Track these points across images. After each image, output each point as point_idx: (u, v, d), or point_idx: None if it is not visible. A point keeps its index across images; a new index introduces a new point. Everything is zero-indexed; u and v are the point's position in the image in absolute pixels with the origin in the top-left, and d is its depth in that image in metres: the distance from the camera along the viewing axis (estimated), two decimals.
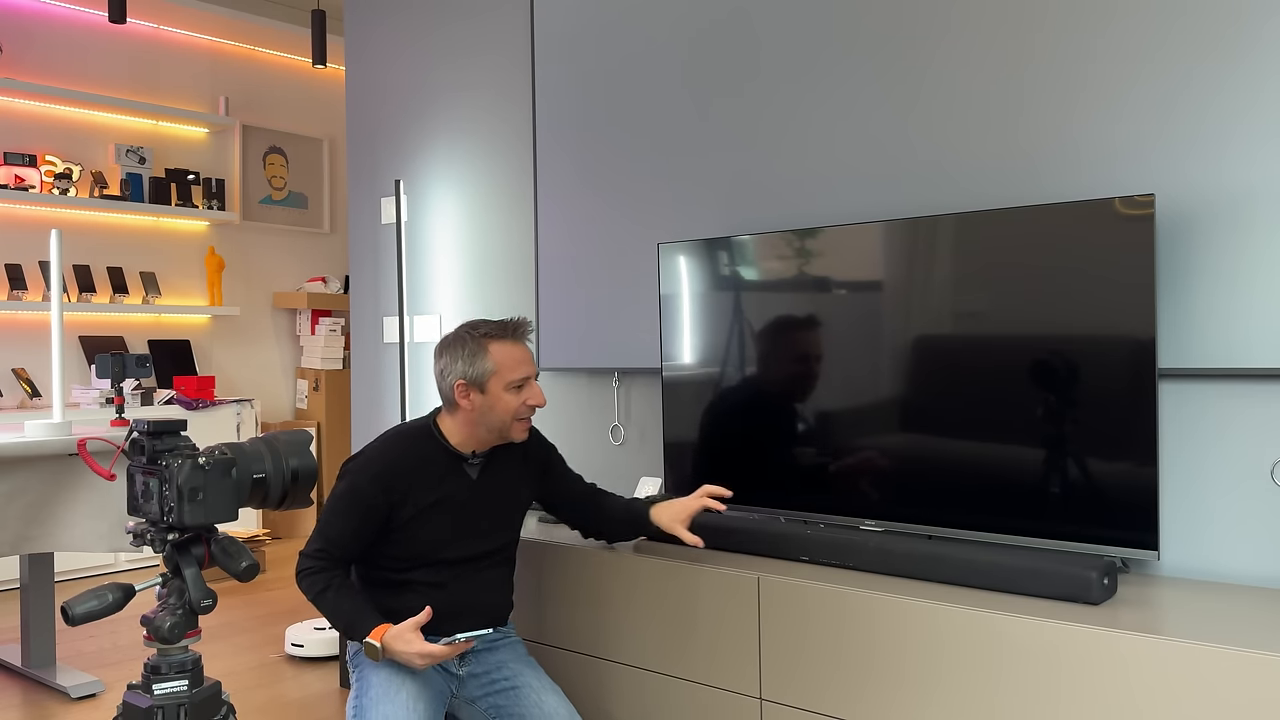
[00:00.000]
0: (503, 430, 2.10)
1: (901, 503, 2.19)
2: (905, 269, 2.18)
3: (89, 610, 1.56)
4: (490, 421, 2.08)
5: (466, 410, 2.08)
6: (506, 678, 2.12)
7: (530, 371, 2.09)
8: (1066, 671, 1.70)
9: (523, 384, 2.08)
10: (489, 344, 2.07)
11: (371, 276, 3.93)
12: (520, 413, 2.08)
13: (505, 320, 2.12)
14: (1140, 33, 2.05)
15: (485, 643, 2.16)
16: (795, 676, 2.04)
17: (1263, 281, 1.91)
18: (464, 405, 2.07)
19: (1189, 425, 2.02)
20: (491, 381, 2.06)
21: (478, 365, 2.06)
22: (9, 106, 4.96)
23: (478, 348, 2.07)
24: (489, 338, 2.08)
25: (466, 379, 2.06)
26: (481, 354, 2.06)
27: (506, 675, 2.13)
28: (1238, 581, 1.97)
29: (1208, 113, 1.97)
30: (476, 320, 2.14)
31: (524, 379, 2.08)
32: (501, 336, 2.08)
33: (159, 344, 5.43)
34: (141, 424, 1.65)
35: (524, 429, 2.12)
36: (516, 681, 2.11)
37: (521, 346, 2.10)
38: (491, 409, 2.07)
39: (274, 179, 6.00)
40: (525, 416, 2.10)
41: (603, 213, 3.02)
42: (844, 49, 2.50)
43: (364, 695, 2.00)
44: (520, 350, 2.09)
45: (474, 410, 2.07)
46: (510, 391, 2.07)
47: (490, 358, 2.06)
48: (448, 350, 2.10)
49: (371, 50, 3.90)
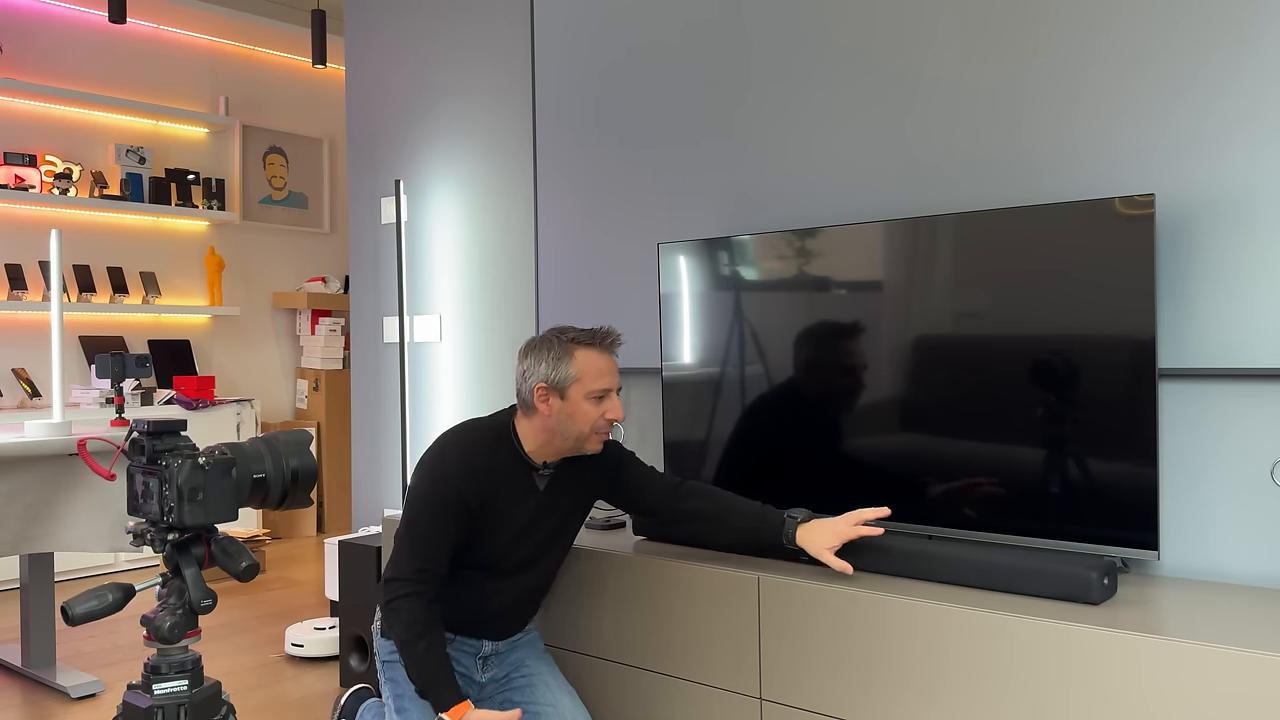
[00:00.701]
0: (579, 441, 2.03)
1: (901, 503, 2.19)
2: (905, 269, 2.18)
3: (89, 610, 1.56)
4: (567, 430, 2.02)
5: (544, 416, 2.02)
6: (524, 675, 2.17)
7: (613, 383, 2.03)
8: (1066, 672, 1.70)
9: (604, 395, 2.01)
10: (576, 350, 2.01)
11: (371, 276, 3.93)
12: (599, 425, 2.02)
13: (596, 328, 2.06)
14: (1142, 34, 2.05)
15: (507, 644, 2.21)
16: (795, 676, 2.04)
17: (1263, 282, 1.91)
18: (542, 410, 2.02)
19: (1189, 425, 2.02)
20: (573, 388, 1.99)
21: (561, 370, 1.99)
22: (9, 106, 4.96)
23: (564, 352, 2.01)
24: (577, 343, 2.02)
25: (548, 383, 2.00)
26: (567, 359, 2.00)
27: (524, 673, 2.17)
28: (1238, 581, 1.97)
29: (1209, 113, 1.97)
30: (566, 325, 2.08)
31: (606, 390, 2.01)
32: (590, 344, 2.02)
33: (159, 344, 5.43)
34: (141, 424, 1.65)
35: (600, 442, 2.05)
36: (533, 680, 2.15)
37: (608, 357, 2.04)
38: (570, 417, 2.00)
39: (274, 179, 6.00)
40: (603, 430, 2.03)
41: (603, 213, 3.02)
42: (844, 49, 2.50)
43: (405, 698, 2.03)
44: (607, 360, 2.03)
45: (551, 416, 2.01)
46: (590, 401, 2.00)
47: (575, 364, 2.00)
48: (533, 352, 2.04)
49: (372, 50, 3.90)
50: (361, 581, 2.96)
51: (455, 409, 3.58)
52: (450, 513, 1.97)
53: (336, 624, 3.39)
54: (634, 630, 2.29)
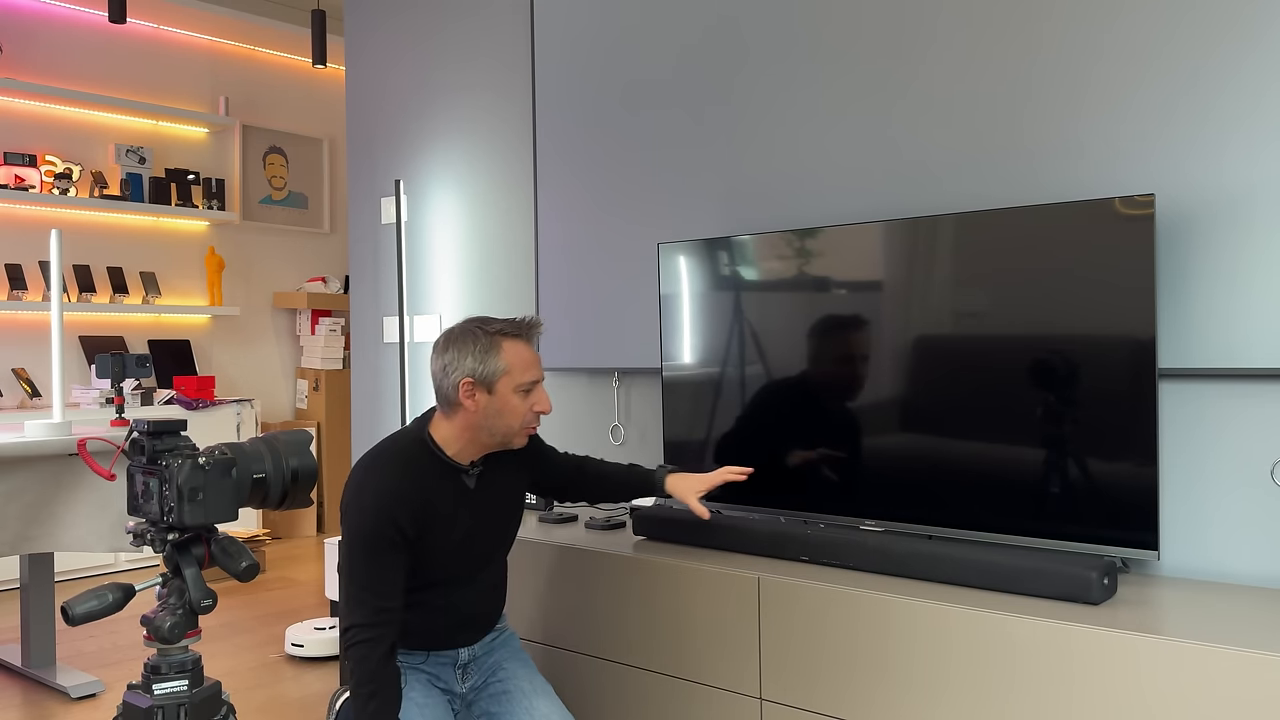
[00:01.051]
0: (507, 436, 1.96)
1: (901, 503, 2.19)
2: (905, 269, 2.18)
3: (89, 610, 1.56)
4: (495, 426, 1.94)
5: (469, 412, 1.93)
6: (500, 680, 2.09)
7: (540, 375, 1.97)
8: (1066, 671, 1.70)
9: (532, 388, 1.95)
10: (502, 341, 1.92)
11: (371, 276, 3.93)
12: (528, 419, 1.95)
13: (518, 318, 1.98)
14: (1143, 33, 2.05)
15: (483, 647, 2.13)
16: (795, 676, 2.04)
17: (1263, 282, 1.91)
18: (467, 406, 1.92)
19: (1189, 425, 2.02)
20: (501, 382, 1.91)
21: (489, 363, 1.90)
22: (9, 106, 4.96)
23: (490, 344, 1.91)
24: (503, 335, 1.93)
25: (475, 377, 1.90)
26: (494, 351, 1.91)
27: (500, 678, 2.09)
28: (1238, 581, 1.97)
29: (1210, 113, 1.97)
30: (486, 316, 1.99)
31: (534, 382, 1.95)
32: (515, 335, 1.95)
33: (159, 344, 5.43)
34: (141, 424, 1.65)
35: (527, 436, 1.98)
36: (509, 685, 2.07)
37: (533, 349, 1.97)
38: (499, 413, 1.92)
39: (274, 179, 6.00)
40: (531, 424, 1.97)
41: (603, 212, 3.02)
42: (845, 48, 2.50)
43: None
44: (531, 352, 1.96)
45: (478, 412, 1.92)
46: (519, 395, 1.93)
47: (503, 356, 1.91)
48: (454, 344, 1.93)
49: (371, 50, 3.90)
50: None
51: None
52: (389, 547, 1.87)
53: (336, 624, 3.39)
54: (634, 630, 2.29)
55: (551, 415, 3.23)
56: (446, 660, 2.07)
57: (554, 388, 3.24)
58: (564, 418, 3.21)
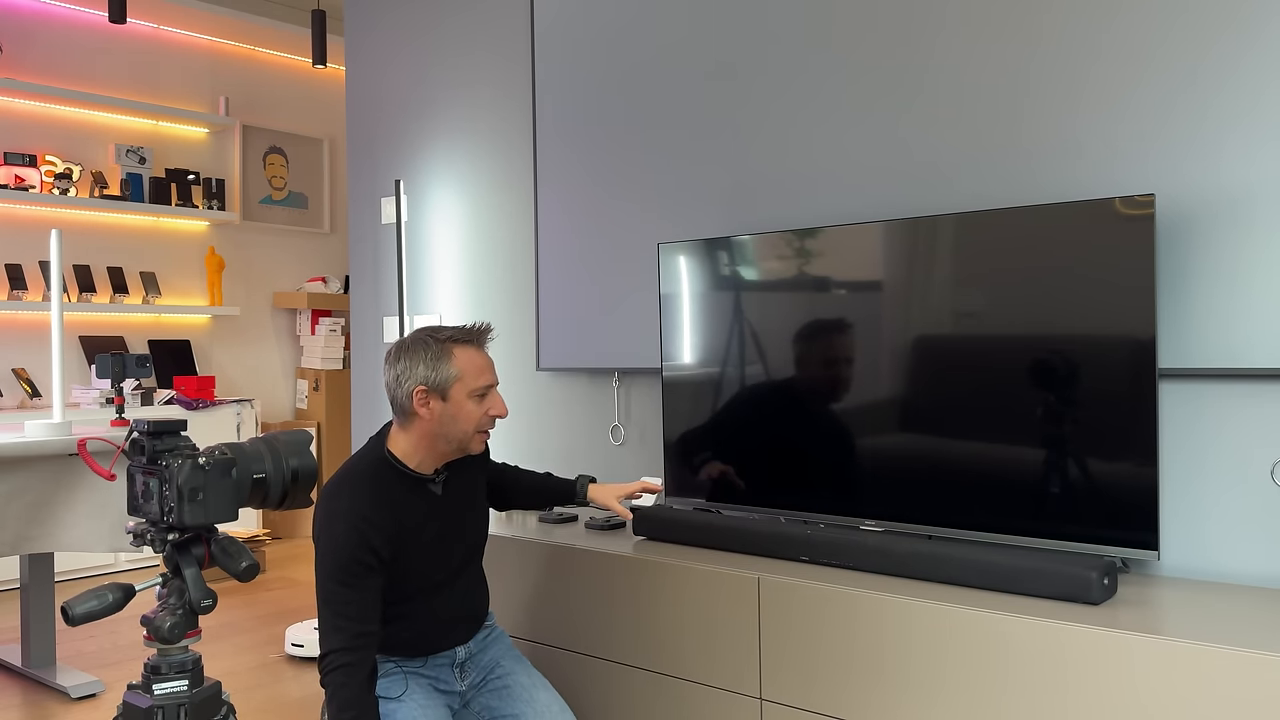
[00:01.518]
0: (463, 442, 1.96)
1: (901, 503, 2.19)
2: (905, 269, 2.18)
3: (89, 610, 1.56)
4: (450, 432, 1.94)
5: (424, 420, 1.93)
6: (499, 676, 2.12)
7: (494, 380, 1.98)
8: (1066, 672, 1.70)
9: (486, 392, 1.96)
10: (453, 348, 1.94)
11: (371, 276, 3.93)
12: (482, 423, 1.96)
13: (469, 325, 1.99)
14: (1141, 32, 2.05)
15: (478, 644, 2.14)
16: (795, 676, 2.04)
17: (1263, 282, 1.91)
18: (422, 414, 1.93)
19: (1189, 425, 2.02)
20: (455, 388, 1.92)
21: (441, 370, 1.92)
22: (9, 106, 4.96)
23: (441, 351, 1.93)
24: (454, 341, 1.95)
25: (428, 385, 1.91)
26: (445, 358, 1.93)
27: (499, 675, 2.12)
28: (1238, 581, 1.97)
29: (1209, 113, 1.97)
30: (435, 325, 2.00)
31: (487, 387, 1.96)
32: (466, 341, 1.96)
33: (159, 344, 5.43)
34: (141, 424, 1.65)
35: (483, 441, 2.00)
36: (508, 680, 2.10)
37: (484, 353, 1.99)
38: (453, 419, 1.93)
39: (274, 179, 6.00)
40: (486, 428, 1.98)
41: (603, 212, 3.02)
42: (845, 48, 2.50)
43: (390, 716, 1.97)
44: (484, 357, 1.98)
45: (433, 420, 1.93)
46: (473, 400, 1.94)
47: (454, 362, 1.93)
48: (406, 354, 1.94)
49: (371, 50, 3.90)
50: None
51: None
52: (365, 572, 1.88)
53: None
54: (634, 630, 2.30)
55: (553, 416, 3.24)
56: (444, 661, 2.09)
57: (554, 388, 3.24)
58: (564, 418, 3.21)
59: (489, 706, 2.09)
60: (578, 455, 3.16)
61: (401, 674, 2.02)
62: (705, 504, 2.54)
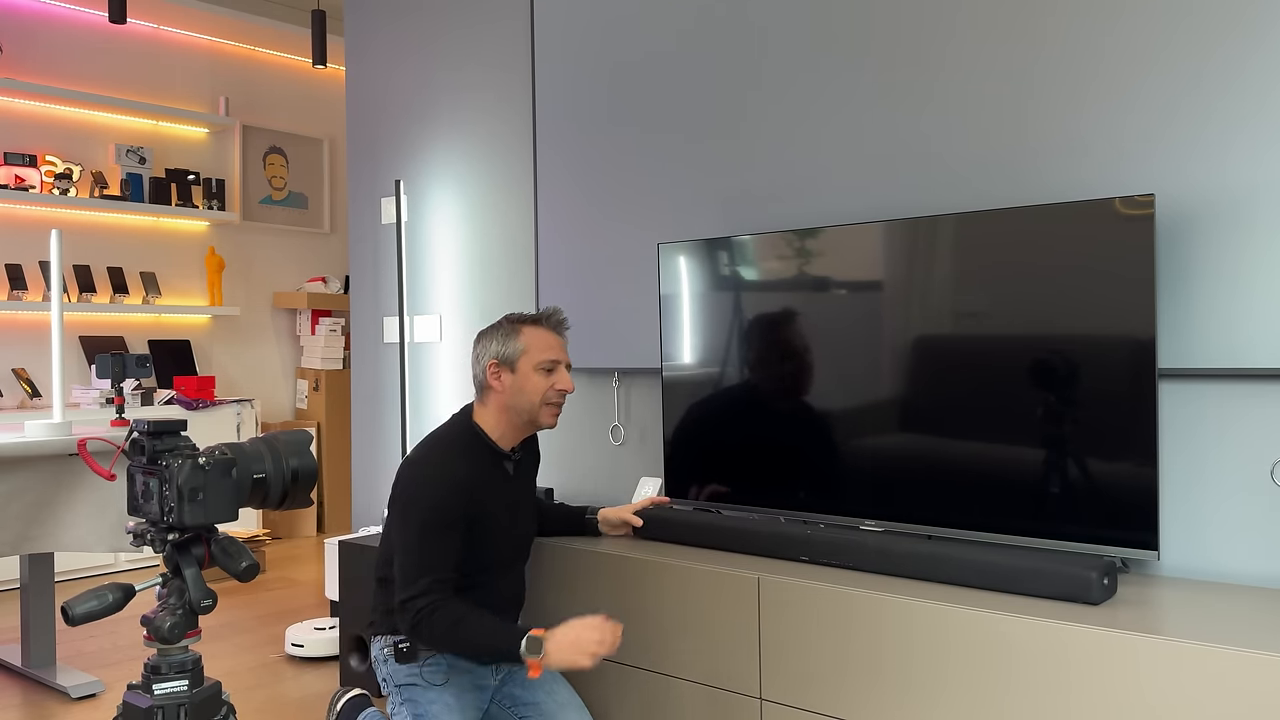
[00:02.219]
0: (533, 415, 2.13)
1: (901, 503, 2.19)
2: (905, 269, 2.18)
3: (89, 610, 1.56)
4: (519, 404, 2.12)
5: (497, 392, 2.14)
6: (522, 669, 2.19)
7: (560, 356, 2.15)
8: (1066, 672, 1.70)
9: (552, 367, 2.14)
10: (522, 327, 2.16)
11: (371, 276, 3.93)
12: (549, 396, 2.13)
13: (541, 310, 2.23)
14: (1146, 33, 2.05)
15: None
16: (795, 676, 2.04)
17: (1263, 282, 1.91)
18: (495, 387, 2.13)
19: (1189, 425, 2.02)
20: (521, 361, 2.12)
21: (510, 345, 2.13)
22: (9, 106, 4.96)
23: (511, 330, 2.16)
24: (522, 322, 2.17)
25: (498, 359, 2.13)
26: (514, 335, 2.14)
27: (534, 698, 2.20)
28: (1238, 581, 1.97)
29: (1212, 113, 1.97)
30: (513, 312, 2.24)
31: (553, 362, 2.14)
32: (534, 322, 2.18)
33: (159, 344, 5.43)
34: (141, 424, 1.65)
35: (553, 415, 2.15)
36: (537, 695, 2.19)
37: (553, 333, 2.18)
38: (521, 390, 2.12)
39: (274, 179, 6.00)
40: (554, 401, 2.14)
41: (603, 213, 3.02)
42: (846, 48, 2.50)
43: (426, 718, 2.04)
44: (552, 336, 2.17)
45: (504, 392, 2.13)
46: (539, 373, 2.12)
47: (522, 339, 2.14)
48: (484, 336, 2.18)
49: (371, 51, 3.90)
50: (362, 581, 2.96)
51: (455, 409, 3.58)
52: (449, 530, 2.03)
53: (336, 624, 3.39)
54: (633, 630, 2.30)
55: None
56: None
57: None
58: (564, 418, 3.21)
59: (511, 695, 2.19)
60: (578, 455, 3.16)
61: (445, 664, 2.11)
62: (705, 504, 2.54)
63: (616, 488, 3.05)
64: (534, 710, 2.17)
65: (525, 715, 2.18)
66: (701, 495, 2.55)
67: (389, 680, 2.13)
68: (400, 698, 2.10)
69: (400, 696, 2.10)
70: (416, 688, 2.09)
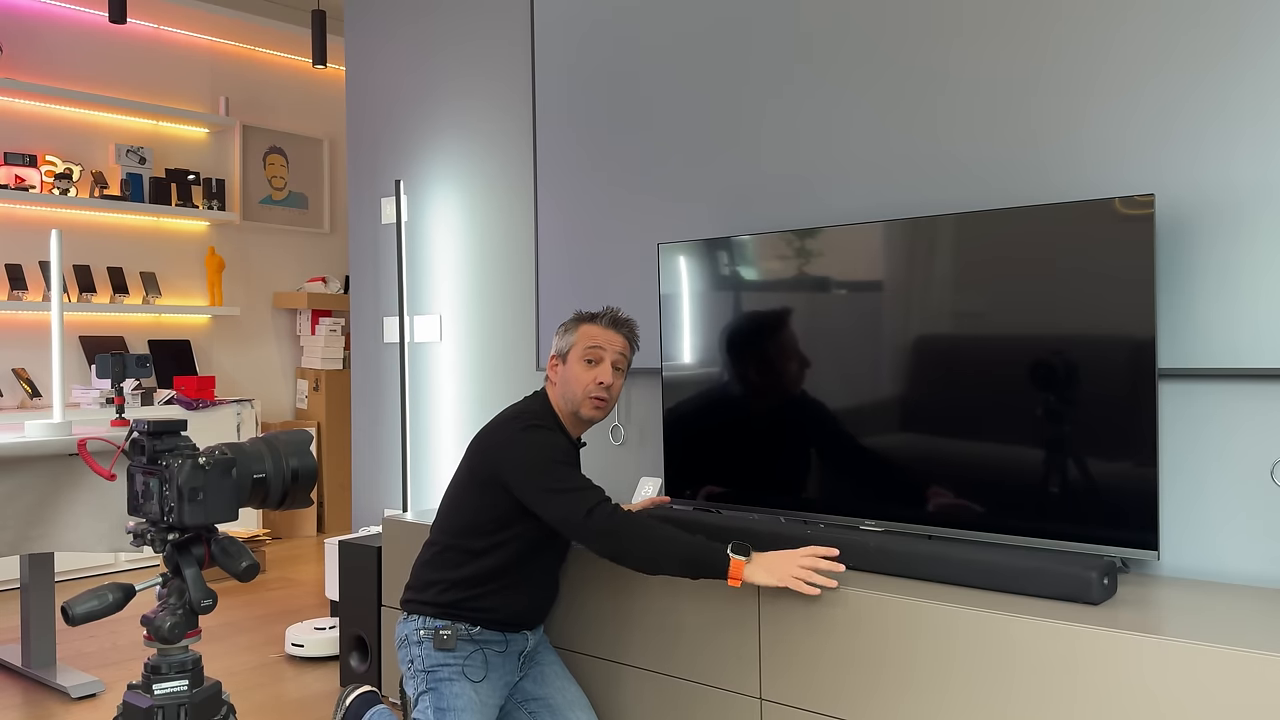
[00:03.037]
0: (576, 404, 2.18)
1: (901, 503, 2.19)
2: (905, 269, 2.18)
3: (89, 610, 1.56)
4: (569, 394, 2.19)
5: (554, 384, 2.23)
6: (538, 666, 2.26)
7: (605, 347, 2.20)
8: (1066, 672, 1.70)
9: (595, 359, 2.19)
10: (581, 324, 2.25)
11: (371, 276, 3.93)
12: (590, 388, 2.17)
13: (603, 309, 2.30)
14: (1148, 33, 2.05)
15: (536, 636, 2.29)
16: (795, 676, 2.04)
17: (1264, 282, 1.91)
18: (553, 378, 2.23)
19: (1189, 425, 2.02)
20: (571, 353, 2.21)
21: (566, 340, 2.24)
22: (9, 106, 4.96)
23: (572, 326, 2.26)
24: (581, 320, 2.26)
25: (557, 352, 2.25)
26: (573, 330, 2.24)
27: (537, 661, 2.27)
28: (1238, 581, 1.97)
29: (1212, 113, 1.97)
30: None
31: (596, 351, 2.19)
32: (593, 320, 2.26)
33: (159, 344, 5.43)
34: (141, 424, 1.65)
35: (594, 407, 2.18)
36: (545, 671, 2.25)
37: (608, 331, 2.23)
38: (567, 381, 2.19)
39: (274, 179, 6.00)
40: (595, 394, 2.17)
41: (603, 213, 3.02)
42: (846, 48, 2.50)
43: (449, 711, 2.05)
44: (605, 332, 2.23)
45: (559, 383, 2.21)
46: (582, 364, 2.18)
47: (577, 333, 2.23)
48: (556, 332, 2.30)
49: (372, 51, 3.90)
50: (362, 581, 2.96)
51: (455, 409, 3.58)
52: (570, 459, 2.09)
53: (336, 624, 3.39)
54: (634, 630, 2.29)
55: None
56: (516, 647, 2.22)
57: None
58: None
59: (522, 689, 2.24)
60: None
61: (483, 656, 2.14)
62: (705, 504, 2.54)
63: (616, 488, 3.04)
64: (542, 705, 2.19)
65: (534, 710, 2.20)
66: (701, 495, 2.54)
67: (415, 663, 2.11)
68: (425, 684, 2.08)
69: (426, 684, 2.09)
70: (443, 678, 2.08)
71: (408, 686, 2.14)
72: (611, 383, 2.19)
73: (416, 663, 2.12)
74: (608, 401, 2.19)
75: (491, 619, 2.14)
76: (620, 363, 2.22)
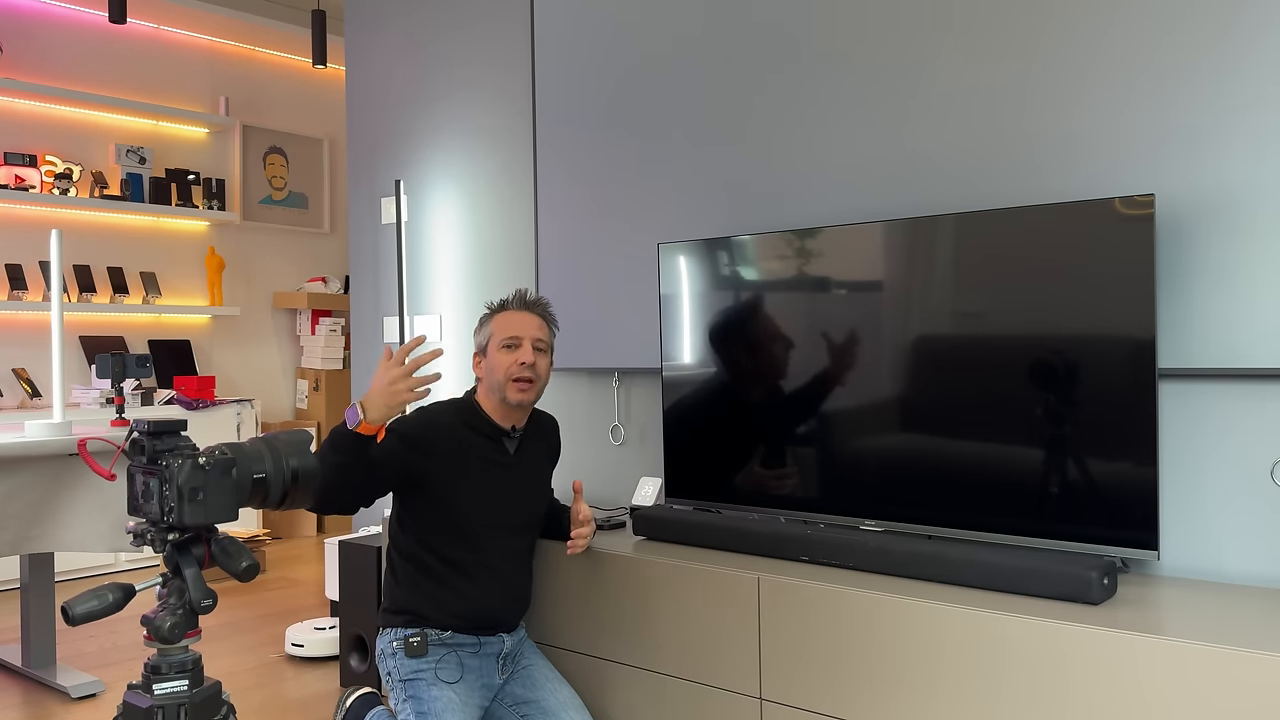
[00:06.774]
0: (502, 392, 2.20)
1: (901, 503, 2.19)
2: (905, 269, 2.18)
3: (89, 610, 1.56)
4: (493, 383, 2.21)
5: (481, 378, 2.27)
6: (524, 668, 2.26)
7: (521, 333, 2.22)
8: (1066, 672, 1.70)
9: (513, 344, 2.21)
10: (492, 316, 2.29)
11: (371, 276, 3.93)
12: (511, 371, 2.19)
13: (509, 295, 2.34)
14: (1142, 31, 2.05)
15: (515, 638, 2.28)
16: (795, 676, 2.04)
17: (1263, 282, 1.91)
18: (479, 374, 2.27)
19: (1189, 425, 2.02)
20: (490, 345, 2.24)
21: (482, 334, 2.28)
22: (9, 106, 4.96)
23: (486, 319, 2.29)
24: (493, 311, 2.30)
25: (477, 348, 2.29)
26: (486, 325, 2.28)
27: (523, 665, 2.27)
28: (1238, 581, 1.97)
29: (1212, 113, 1.97)
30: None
31: (513, 338, 2.21)
32: (501, 308, 2.29)
33: (159, 344, 5.43)
34: (141, 424, 1.65)
35: (519, 390, 2.20)
36: (534, 674, 2.25)
37: (519, 314, 2.26)
38: (491, 370, 2.22)
39: (274, 179, 6.00)
40: (518, 376, 2.19)
41: (603, 212, 3.02)
42: (846, 48, 2.50)
43: (429, 715, 2.06)
44: (517, 316, 2.25)
45: (484, 376, 2.25)
46: (503, 351, 2.21)
47: (491, 325, 2.26)
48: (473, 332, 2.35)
49: (371, 50, 3.90)
50: (362, 581, 2.96)
51: None
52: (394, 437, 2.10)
53: (336, 624, 3.39)
54: (634, 630, 2.30)
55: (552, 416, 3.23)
56: (492, 649, 2.21)
57: (554, 387, 3.24)
58: (564, 418, 3.21)
59: (513, 693, 2.23)
60: (578, 455, 3.16)
61: (457, 657, 2.15)
62: (705, 504, 2.54)
63: (616, 488, 3.05)
64: (535, 708, 2.18)
65: (526, 714, 2.19)
66: (701, 495, 2.54)
67: (393, 674, 2.14)
68: (404, 694, 2.10)
69: (404, 692, 2.11)
70: (421, 684, 2.09)
71: (392, 701, 2.15)
72: (535, 361, 2.20)
73: (394, 674, 2.14)
74: (535, 382, 2.21)
75: (456, 617, 2.16)
76: (540, 343, 2.24)
